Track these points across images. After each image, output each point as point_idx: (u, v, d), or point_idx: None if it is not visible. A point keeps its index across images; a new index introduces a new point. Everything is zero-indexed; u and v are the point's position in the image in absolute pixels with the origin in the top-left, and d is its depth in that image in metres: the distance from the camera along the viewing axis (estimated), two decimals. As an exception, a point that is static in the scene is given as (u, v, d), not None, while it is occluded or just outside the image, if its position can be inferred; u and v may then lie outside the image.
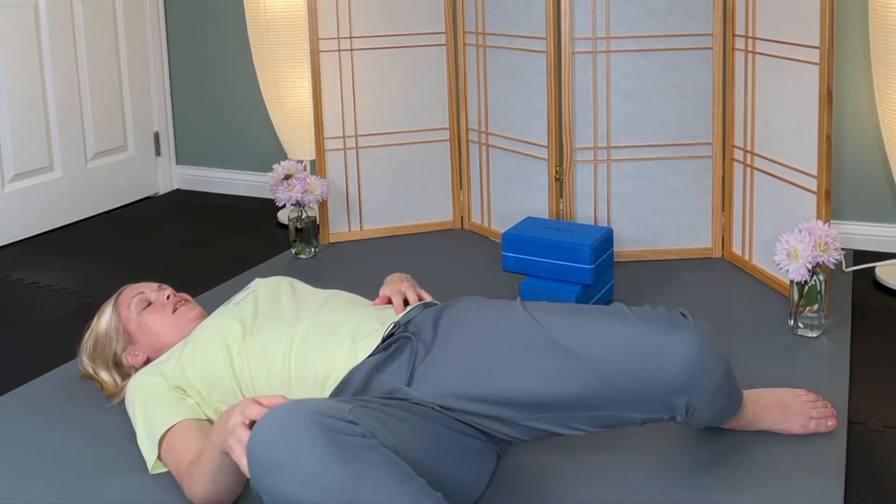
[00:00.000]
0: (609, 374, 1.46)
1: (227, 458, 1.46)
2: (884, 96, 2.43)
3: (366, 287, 2.37)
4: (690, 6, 2.66)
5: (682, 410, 1.49)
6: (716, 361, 1.50)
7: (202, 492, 1.54)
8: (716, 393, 1.52)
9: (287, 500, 1.21)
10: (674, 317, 1.50)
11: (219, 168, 3.80)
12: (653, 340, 1.46)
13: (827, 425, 1.78)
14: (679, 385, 1.46)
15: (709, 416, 1.58)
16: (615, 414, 1.50)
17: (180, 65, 3.79)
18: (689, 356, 1.45)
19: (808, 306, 2.20)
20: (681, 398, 1.47)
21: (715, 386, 1.50)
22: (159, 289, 1.97)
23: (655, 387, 1.46)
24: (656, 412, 1.50)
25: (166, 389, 1.73)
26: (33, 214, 3.29)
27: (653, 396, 1.47)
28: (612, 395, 1.47)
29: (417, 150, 3.06)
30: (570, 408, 1.50)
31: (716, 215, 2.75)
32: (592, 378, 1.47)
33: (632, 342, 1.47)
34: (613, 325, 1.50)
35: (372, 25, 2.96)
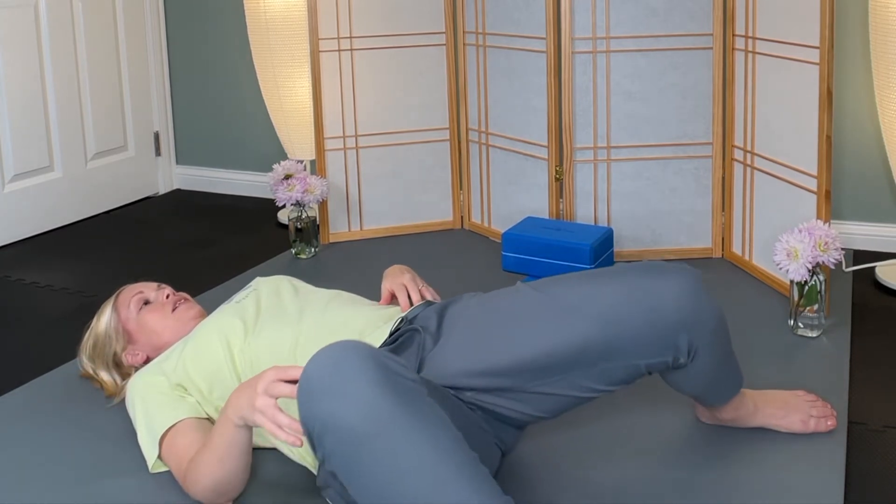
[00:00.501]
0: (609, 319, 1.48)
1: (238, 436, 1.47)
2: (884, 96, 2.43)
3: (366, 287, 2.37)
4: (690, 6, 2.66)
5: (685, 350, 1.50)
6: (710, 298, 1.53)
7: (208, 480, 1.54)
8: (714, 334, 1.53)
9: (338, 426, 1.22)
10: (666, 264, 1.54)
11: (219, 168, 3.80)
12: (649, 282, 1.49)
13: (827, 424, 1.78)
14: (678, 319, 1.48)
15: (710, 371, 1.58)
16: (621, 364, 1.51)
17: (180, 65, 3.79)
18: (684, 290, 1.49)
19: (808, 306, 2.20)
20: (682, 335, 1.49)
21: (713, 323, 1.52)
22: (158, 288, 1.97)
23: (656, 324, 1.48)
24: (660, 354, 1.50)
25: (167, 388, 1.73)
26: (33, 214, 3.29)
27: (654, 336, 1.48)
28: (615, 342, 1.48)
29: (417, 150, 3.06)
30: (575, 363, 1.51)
31: (716, 215, 2.75)
32: (593, 326, 1.49)
33: (629, 287, 1.50)
34: (610, 276, 1.53)
35: (372, 25, 2.96)
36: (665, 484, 1.64)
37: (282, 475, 1.70)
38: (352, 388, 1.23)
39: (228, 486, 1.55)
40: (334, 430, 1.23)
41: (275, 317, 1.77)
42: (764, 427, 1.79)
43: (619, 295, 1.49)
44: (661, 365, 1.52)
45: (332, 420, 1.23)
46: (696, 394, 1.68)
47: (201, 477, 1.54)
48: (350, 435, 1.22)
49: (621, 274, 1.52)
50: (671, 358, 1.51)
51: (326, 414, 1.23)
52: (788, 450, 1.73)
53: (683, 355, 1.52)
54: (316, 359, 1.27)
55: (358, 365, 1.24)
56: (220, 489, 1.55)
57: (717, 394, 1.70)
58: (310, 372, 1.26)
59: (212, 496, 1.56)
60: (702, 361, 1.55)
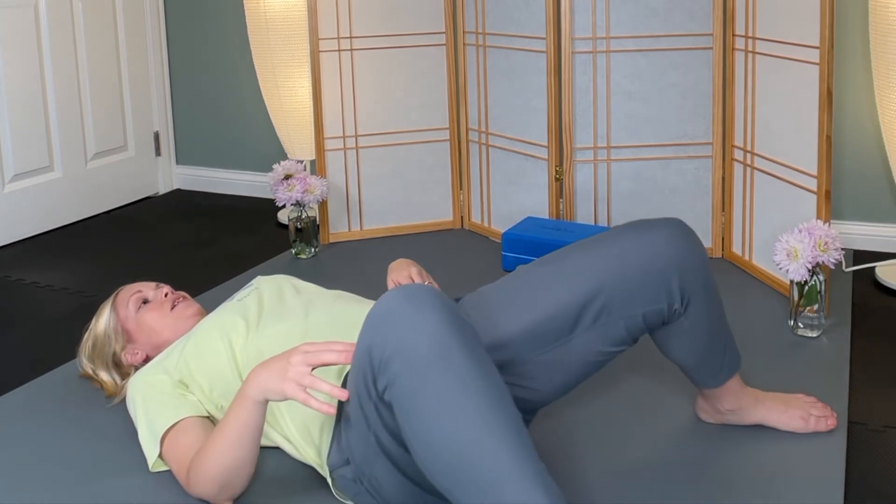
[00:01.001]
0: (604, 276, 1.54)
1: (255, 414, 1.48)
2: (884, 96, 2.43)
3: (366, 287, 2.37)
4: (690, 6, 2.66)
5: (677, 294, 1.55)
6: (698, 243, 1.58)
7: (216, 469, 1.52)
8: (705, 281, 1.58)
9: (408, 352, 1.27)
10: (652, 219, 1.61)
11: (219, 168, 3.80)
12: (639, 236, 1.56)
13: (827, 423, 1.78)
14: (668, 261, 1.54)
15: (704, 332, 1.61)
16: (619, 317, 1.55)
17: (180, 65, 3.79)
18: (673, 235, 1.55)
19: (808, 306, 2.20)
20: (673, 277, 1.54)
21: (702, 267, 1.57)
22: (157, 287, 1.97)
23: (649, 270, 1.53)
24: (655, 301, 1.55)
25: (168, 387, 1.73)
26: (33, 214, 3.29)
27: (648, 281, 1.54)
28: (612, 294, 1.53)
29: (417, 150, 3.06)
30: (576, 323, 1.55)
31: (716, 215, 2.75)
32: (589, 284, 1.54)
33: (620, 246, 1.56)
34: (601, 240, 1.59)
35: (372, 25, 2.96)
36: (665, 484, 1.64)
37: (283, 474, 1.70)
38: (425, 320, 1.28)
39: (236, 476, 1.54)
40: (403, 356, 1.27)
41: (279, 314, 1.77)
42: (764, 424, 1.80)
43: (612, 247, 1.56)
44: (657, 314, 1.56)
45: (402, 345, 1.27)
46: (692, 361, 1.67)
47: (210, 466, 1.53)
48: (418, 362, 1.26)
49: (611, 236, 1.58)
50: (666, 304, 1.55)
51: (398, 339, 1.28)
52: (788, 450, 1.73)
53: (677, 300, 1.56)
54: (391, 292, 1.33)
55: (432, 301, 1.30)
56: (228, 478, 1.53)
57: (713, 367, 1.69)
58: (385, 301, 1.31)
59: (216, 489, 1.55)
60: (695, 314, 1.59)
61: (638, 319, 1.56)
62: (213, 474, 1.53)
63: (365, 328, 1.34)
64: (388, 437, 1.40)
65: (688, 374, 1.73)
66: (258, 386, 1.47)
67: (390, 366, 1.28)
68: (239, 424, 1.50)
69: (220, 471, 1.53)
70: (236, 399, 1.50)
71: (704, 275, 1.58)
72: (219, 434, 1.52)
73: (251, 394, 1.47)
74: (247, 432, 1.50)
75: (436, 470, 1.28)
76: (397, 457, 1.41)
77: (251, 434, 1.51)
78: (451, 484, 1.27)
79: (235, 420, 1.50)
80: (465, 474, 1.25)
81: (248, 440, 1.51)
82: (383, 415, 1.37)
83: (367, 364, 1.32)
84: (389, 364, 1.29)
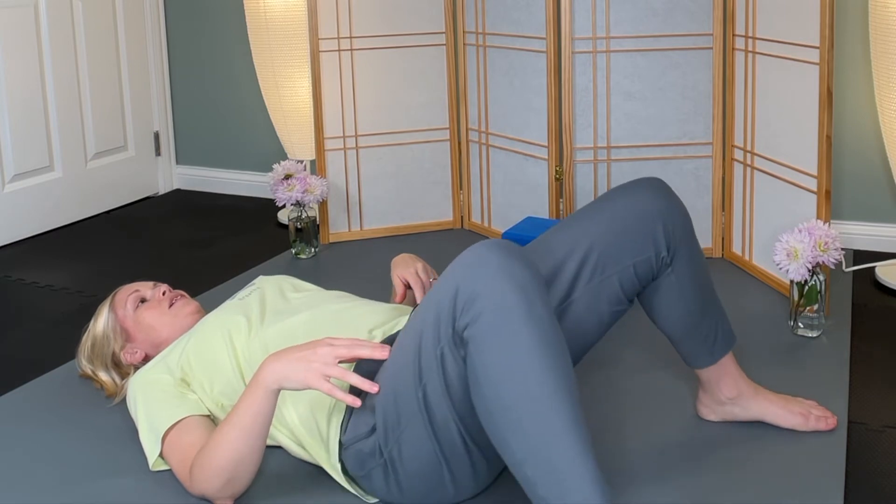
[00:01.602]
0: (592, 231, 1.62)
1: (266, 404, 1.49)
2: (884, 96, 2.43)
3: (366, 287, 2.37)
4: (690, 6, 2.66)
5: (663, 242, 1.62)
6: (679, 201, 1.67)
7: (223, 460, 1.52)
8: (689, 234, 1.66)
9: (496, 294, 1.33)
10: (631, 182, 1.69)
11: (219, 168, 3.80)
12: (622, 192, 1.65)
13: (827, 423, 1.78)
14: (651, 211, 1.62)
15: (693, 290, 1.66)
16: (612, 272, 1.61)
17: (180, 65, 3.79)
18: (652, 188, 1.65)
19: (808, 306, 2.20)
20: (657, 225, 1.62)
21: (685, 220, 1.65)
22: (154, 286, 1.97)
23: (634, 223, 1.62)
24: (643, 251, 1.62)
25: (169, 386, 1.72)
26: (33, 214, 3.29)
27: (634, 232, 1.61)
28: (602, 248, 1.61)
29: (417, 150, 3.06)
30: (574, 284, 1.61)
31: (716, 215, 2.75)
32: (579, 242, 1.62)
33: (605, 201, 1.66)
34: (587, 211, 1.67)
35: (372, 25, 2.96)
36: (665, 484, 1.64)
37: (285, 473, 1.70)
38: (517, 271, 1.34)
39: (242, 469, 1.54)
40: (492, 297, 1.32)
41: (281, 312, 1.78)
42: (764, 419, 1.80)
43: (598, 216, 1.63)
44: (646, 264, 1.62)
45: (493, 287, 1.33)
46: (683, 328, 1.70)
47: (218, 458, 1.52)
48: (507, 305, 1.32)
49: (599, 200, 1.67)
50: (653, 253, 1.62)
51: (490, 280, 1.33)
52: (788, 450, 1.73)
53: (663, 248, 1.63)
54: (485, 242, 1.39)
55: (523, 257, 1.38)
56: (235, 471, 1.53)
57: (705, 338, 1.71)
58: (478, 247, 1.38)
59: (221, 483, 1.54)
60: (681, 268, 1.65)
61: (630, 272, 1.62)
62: (221, 466, 1.53)
63: (453, 271, 1.38)
64: (440, 389, 1.41)
65: (682, 350, 1.74)
66: (275, 374, 1.48)
67: (477, 303, 1.33)
68: (251, 413, 1.50)
69: (228, 462, 1.52)
70: (249, 389, 1.51)
71: (687, 228, 1.66)
72: (229, 424, 1.52)
73: (266, 382, 1.48)
74: (259, 421, 1.51)
75: (493, 408, 1.32)
76: (438, 415, 1.43)
77: (262, 423, 1.51)
78: (503, 427, 1.32)
79: (247, 409, 1.50)
80: (522, 422, 1.30)
81: (260, 429, 1.52)
82: (447, 360, 1.39)
83: (449, 304, 1.36)
84: (476, 301, 1.33)
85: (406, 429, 1.47)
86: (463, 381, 1.39)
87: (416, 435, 1.46)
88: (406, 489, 1.53)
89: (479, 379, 1.34)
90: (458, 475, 1.51)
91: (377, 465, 1.52)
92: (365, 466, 1.54)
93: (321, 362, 1.45)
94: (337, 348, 1.45)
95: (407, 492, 1.53)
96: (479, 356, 1.33)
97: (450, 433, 1.45)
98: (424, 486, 1.52)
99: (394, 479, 1.52)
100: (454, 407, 1.42)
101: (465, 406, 1.42)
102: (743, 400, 1.79)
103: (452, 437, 1.45)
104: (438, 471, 1.50)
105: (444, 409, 1.43)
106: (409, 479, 1.51)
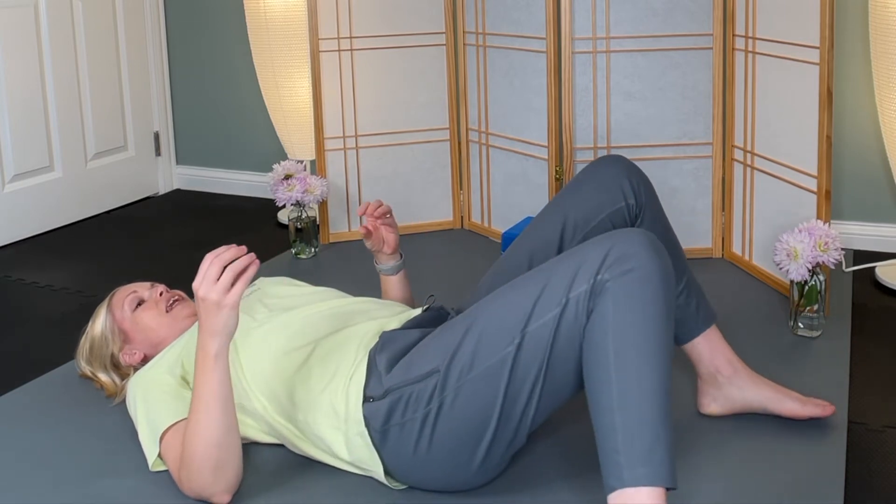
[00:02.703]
0: (566, 204, 1.79)
1: (222, 374, 1.51)
2: (884, 96, 2.43)
3: (366, 287, 2.37)
4: (690, 6, 2.66)
5: (631, 192, 1.77)
6: (635, 165, 1.84)
7: (203, 445, 1.52)
8: (651, 189, 1.81)
9: (643, 260, 1.41)
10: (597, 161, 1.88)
11: (219, 168, 3.80)
12: (588, 168, 1.84)
13: (825, 409, 1.80)
14: (617, 172, 1.79)
15: (660, 230, 1.80)
16: (592, 232, 1.75)
17: (180, 65, 3.79)
18: (614, 157, 1.83)
19: (808, 306, 2.20)
20: (623, 179, 1.78)
21: (647, 179, 1.81)
22: (152, 287, 1.97)
23: (601, 183, 1.78)
24: (614, 202, 1.77)
25: (169, 386, 1.72)
26: (33, 214, 3.29)
27: (603, 191, 1.77)
28: (577, 213, 1.77)
29: (417, 150, 3.06)
30: (558, 251, 1.75)
31: (716, 215, 2.75)
32: (556, 214, 1.79)
33: (573, 179, 1.84)
34: (564, 193, 1.84)
35: (372, 25, 2.96)
36: (665, 484, 1.64)
37: (284, 471, 1.70)
38: (666, 260, 1.45)
39: (226, 452, 1.54)
40: (642, 261, 1.41)
41: (282, 308, 1.80)
42: (763, 405, 1.81)
43: (569, 190, 1.81)
44: (620, 214, 1.76)
45: (646, 255, 1.41)
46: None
47: (198, 446, 1.52)
48: (651, 272, 1.41)
49: (566, 186, 1.83)
50: (623, 202, 1.76)
51: (644, 248, 1.42)
52: (788, 450, 1.73)
53: (631, 196, 1.77)
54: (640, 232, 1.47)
55: (666, 254, 1.47)
56: (219, 456, 1.53)
57: (687, 304, 1.78)
58: (635, 231, 1.46)
59: (210, 472, 1.54)
60: (650, 224, 1.79)
61: (607, 224, 1.76)
62: (204, 452, 1.53)
63: (609, 237, 1.46)
64: (546, 336, 1.45)
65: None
66: (207, 341, 1.49)
67: (630, 261, 1.41)
68: (213, 386, 1.51)
69: (210, 445, 1.52)
70: (197, 371, 1.52)
71: (651, 190, 1.81)
72: (195, 412, 1.53)
73: (209, 351, 1.50)
74: (222, 392, 1.51)
75: (609, 352, 1.38)
76: (521, 368, 1.46)
77: (227, 395, 1.52)
78: (613, 370, 1.37)
79: (208, 386, 1.51)
80: (631, 372, 1.36)
81: (225, 402, 1.52)
82: (569, 309, 1.43)
83: (597, 258, 1.43)
84: (629, 259, 1.41)
85: (476, 376, 1.48)
86: (573, 332, 1.44)
87: (483, 385, 1.48)
88: (433, 450, 1.53)
89: (606, 325, 1.40)
90: (493, 448, 1.52)
91: (419, 414, 1.53)
92: (403, 415, 1.54)
93: (214, 290, 1.47)
94: (207, 272, 1.48)
95: (433, 454, 1.54)
96: (615, 304, 1.40)
97: (520, 392, 1.48)
98: (454, 451, 1.53)
99: (427, 435, 1.53)
100: (548, 358, 1.45)
101: (558, 360, 1.45)
102: (739, 379, 1.81)
103: (519, 398, 1.48)
104: (480, 434, 1.51)
105: (533, 361, 1.46)
106: (444, 438, 1.52)
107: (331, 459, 1.66)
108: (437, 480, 1.58)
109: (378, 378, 1.58)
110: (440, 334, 1.56)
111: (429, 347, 1.56)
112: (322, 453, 1.66)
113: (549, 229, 1.78)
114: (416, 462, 1.55)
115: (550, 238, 1.77)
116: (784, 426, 1.81)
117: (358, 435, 1.58)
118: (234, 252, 1.50)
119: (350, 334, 1.71)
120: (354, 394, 1.59)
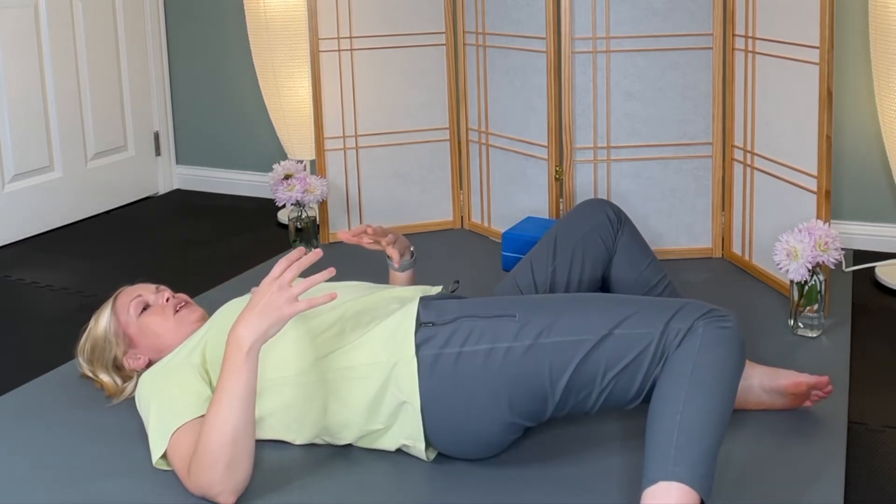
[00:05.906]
0: (550, 236, 2.04)
1: (252, 371, 1.53)
2: (884, 96, 2.43)
3: (366, 287, 2.37)
4: (690, 6, 2.66)
5: (614, 216, 2.03)
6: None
7: (222, 439, 1.51)
8: (626, 218, 2.06)
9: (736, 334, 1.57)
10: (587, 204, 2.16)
11: (219, 168, 3.80)
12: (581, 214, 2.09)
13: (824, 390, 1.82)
14: (594, 204, 2.06)
15: (641, 251, 2.04)
16: (575, 241, 2.00)
17: (180, 65, 3.79)
18: (593, 200, 2.10)
19: (808, 306, 2.20)
20: (603, 206, 2.04)
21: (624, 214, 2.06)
22: (157, 290, 1.95)
23: (582, 210, 2.06)
24: (596, 218, 2.03)
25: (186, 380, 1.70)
26: (33, 214, 3.29)
27: (584, 214, 2.04)
28: (560, 233, 2.02)
29: (417, 150, 3.06)
30: (552, 265, 1.98)
31: (716, 215, 2.75)
32: (544, 245, 2.03)
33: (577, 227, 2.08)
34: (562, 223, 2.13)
35: (372, 25, 2.96)
36: (665, 484, 1.64)
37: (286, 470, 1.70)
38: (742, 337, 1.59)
39: (241, 449, 1.53)
40: (732, 323, 1.56)
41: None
42: (761, 388, 1.83)
43: (557, 226, 2.05)
44: (604, 227, 2.01)
45: (735, 323, 1.57)
46: (644, 287, 2.03)
47: (215, 440, 1.51)
48: (735, 335, 1.55)
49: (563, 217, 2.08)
50: (605, 217, 2.01)
51: (735, 319, 1.57)
52: (789, 450, 1.73)
53: (612, 214, 2.03)
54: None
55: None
56: (234, 452, 1.52)
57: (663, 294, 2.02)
58: (734, 313, 1.60)
59: (222, 468, 1.52)
60: (628, 238, 2.02)
61: (594, 236, 1.99)
62: (220, 446, 1.51)
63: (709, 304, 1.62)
64: (625, 345, 1.57)
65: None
66: (249, 336, 1.52)
67: (726, 321, 1.56)
68: (240, 383, 1.52)
69: (227, 439, 1.52)
70: (227, 363, 1.52)
71: (626, 217, 2.05)
72: (218, 403, 1.53)
73: (242, 347, 1.52)
74: (248, 388, 1.53)
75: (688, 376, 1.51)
76: (600, 356, 1.58)
77: (251, 391, 1.54)
78: (691, 387, 1.50)
79: (235, 381, 1.52)
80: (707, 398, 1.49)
81: (250, 398, 1.54)
82: (667, 332, 1.56)
83: (703, 307, 1.58)
84: (726, 321, 1.57)
85: (550, 343, 1.58)
86: (659, 352, 1.56)
87: (555, 353, 1.57)
88: (483, 385, 1.59)
89: (691, 356, 1.52)
90: (526, 411, 1.61)
91: (482, 347, 1.60)
92: (464, 343, 1.61)
93: (282, 295, 1.53)
94: (283, 276, 1.55)
95: (479, 389, 1.59)
96: (703, 344, 1.53)
97: (594, 376, 1.57)
98: (498, 395, 1.59)
99: (481, 367, 1.59)
100: (627, 363, 1.57)
101: (636, 368, 1.57)
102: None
103: (590, 380, 1.58)
104: (535, 386, 1.58)
105: (613, 358, 1.57)
106: (498, 379, 1.58)
107: (353, 418, 1.67)
108: (466, 425, 1.61)
109: (438, 310, 1.67)
110: (509, 297, 1.72)
111: (500, 300, 1.69)
112: (343, 414, 1.67)
113: (544, 260, 2.01)
114: (458, 398, 1.60)
115: (545, 266, 2.01)
116: (784, 426, 1.81)
117: (403, 364, 1.61)
118: (310, 259, 1.59)
119: (379, 297, 1.78)
120: (407, 321, 1.65)
